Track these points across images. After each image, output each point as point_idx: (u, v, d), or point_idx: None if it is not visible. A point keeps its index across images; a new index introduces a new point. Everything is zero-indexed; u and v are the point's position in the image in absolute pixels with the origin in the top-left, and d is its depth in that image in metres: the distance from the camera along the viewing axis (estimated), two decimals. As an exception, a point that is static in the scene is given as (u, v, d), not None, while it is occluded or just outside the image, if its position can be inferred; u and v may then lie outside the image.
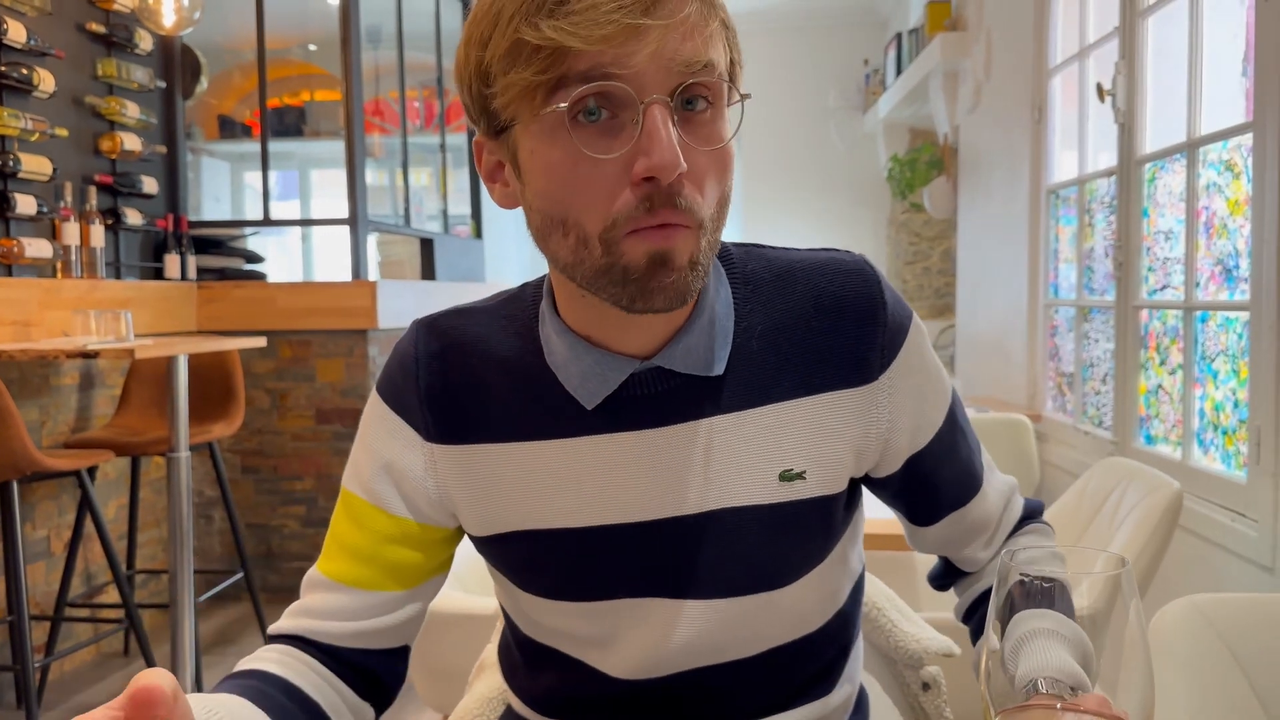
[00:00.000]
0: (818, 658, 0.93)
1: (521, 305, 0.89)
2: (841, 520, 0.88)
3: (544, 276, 0.88)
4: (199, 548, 3.90)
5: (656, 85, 0.70)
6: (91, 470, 3.01)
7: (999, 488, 0.95)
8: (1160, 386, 2.80)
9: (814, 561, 0.87)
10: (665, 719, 0.89)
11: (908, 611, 1.22)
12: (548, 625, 0.90)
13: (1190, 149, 2.61)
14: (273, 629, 0.87)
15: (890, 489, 0.91)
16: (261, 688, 0.78)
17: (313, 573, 0.87)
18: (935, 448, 0.89)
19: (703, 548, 0.83)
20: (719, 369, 0.82)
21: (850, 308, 0.84)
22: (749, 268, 0.87)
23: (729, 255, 0.88)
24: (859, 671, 1.01)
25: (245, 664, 0.82)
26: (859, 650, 1.00)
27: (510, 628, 0.98)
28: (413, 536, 0.86)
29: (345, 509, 0.88)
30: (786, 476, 0.82)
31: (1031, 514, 0.98)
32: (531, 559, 0.86)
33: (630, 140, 0.70)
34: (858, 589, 0.98)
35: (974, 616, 0.96)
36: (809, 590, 0.87)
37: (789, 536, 0.84)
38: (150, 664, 2.86)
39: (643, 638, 0.85)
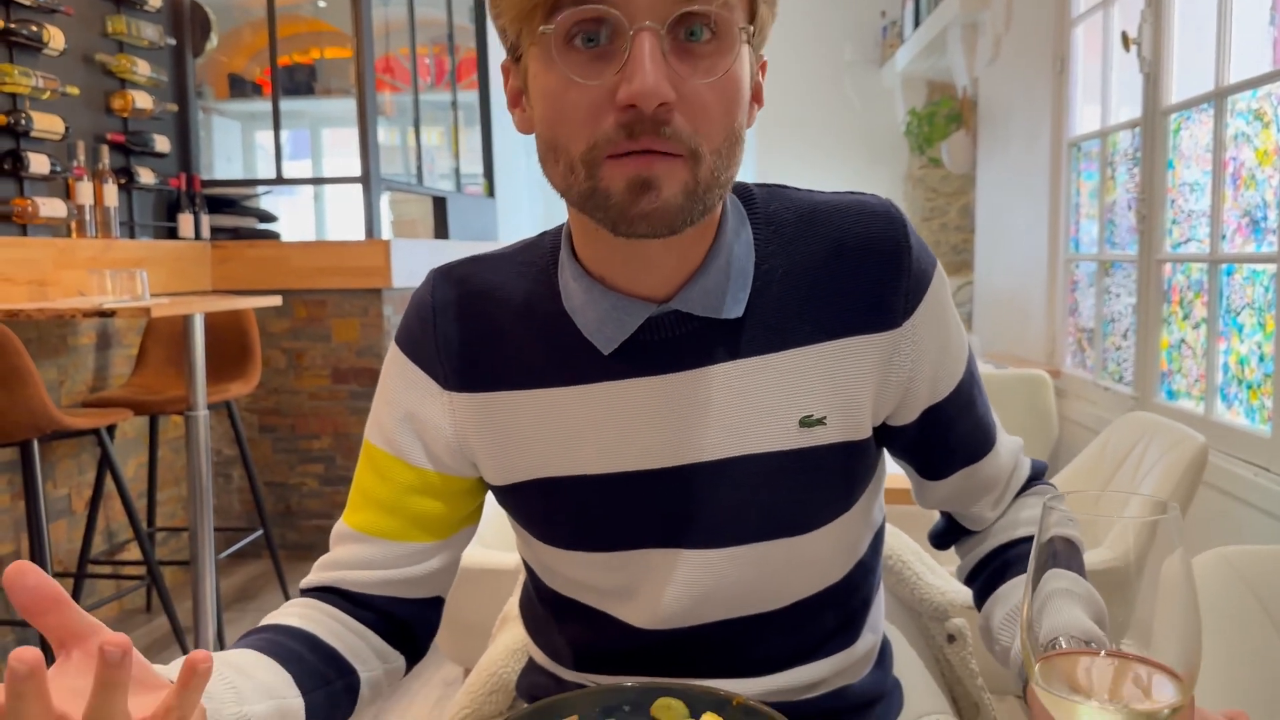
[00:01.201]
0: (840, 609, 0.91)
1: (539, 252, 0.88)
2: (863, 469, 0.87)
3: (563, 224, 0.87)
4: (218, 506, 3.93)
5: (650, 13, 0.69)
6: (110, 429, 3.02)
7: (1010, 447, 0.94)
8: (1183, 341, 2.77)
9: (836, 510, 0.85)
10: (688, 670, 0.89)
11: (932, 564, 1.21)
12: (568, 577, 0.89)
13: (1218, 98, 2.56)
14: (303, 583, 0.87)
15: (903, 440, 0.89)
16: (277, 639, 0.78)
17: (340, 526, 0.87)
18: (954, 400, 0.87)
19: (723, 495, 0.82)
20: (738, 312, 0.80)
21: (875, 251, 0.82)
22: (771, 209, 0.86)
23: (751, 196, 0.87)
24: (881, 622, 1.00)
25: (268, 619, 0.82)
26: (880, 602, 0.99)
27: (532, 580, 0.97)
28: (435, 487, 0.86)
29: (368, 461, 0.88)
30: (807, 422, 0.81)
31: (1037, 475, 0.96)
32: (550, 509, 0.86)
33: (618, 67, 0.69)
34: (878, 541, 0.97)
35: (978, 579, 0.93)
36: (830, 540, 0.86)
37: (810, 483, 0.83)
38: (173, 620, 2.90)
39: (664, 588, 0.84)
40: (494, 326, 0.85)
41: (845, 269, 0.82)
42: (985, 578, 0.92)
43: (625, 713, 0.77)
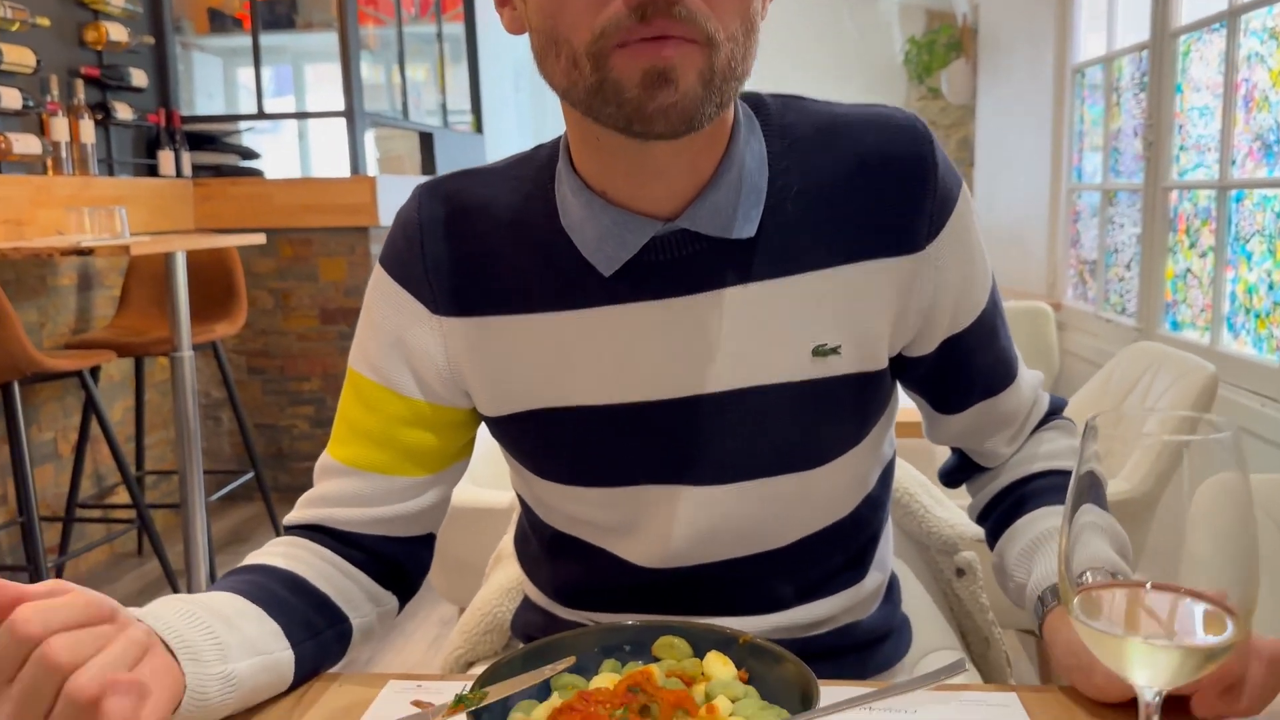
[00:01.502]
0: (847, 545, 0.88)
1: (534, 165, 0.81)
2: (877, 401, 0.83)
3: (560, 136, 0.80)
4: (208, 449, 3.89)
5: None
6: (94, 371, 2.97)
7: (1030, 381, 0.89)
8: (1189, 270, 2.72)
9: (846, 445, 0.82)
10: (691, 608, 0.85)
11: (940, 497, 1.16)
12: (566, 513, 0.86)
13: (1231, 17, 2.47)
14: (287, 520, 0.83)
15: (919, 372, 0.84)
16: (258, 581, 0.75)
17: (325, 459, 0.83)
18: (976, 330, 0.83)
19: (729, 428, 0.78)
20: (749, 231, 0.75)
21: (898, 168, 0.77)
22: (787, 120, 0.79)
23: (764, 106, 0.80)
24: (890, 558, 0.96)
25: (250, 559, 0.79)
26: (889, 537, 0.96)
27: (527, 516, 0.93)
28: (426, 418, 0.82)
29: (354, 391, 0.83)
30: (820, 352, 0.77)
31: (1055, 410, 0.92)
32: (547, 442, 0.82)
33: None
34: (887, 475, 0.92)
35: (991, 515, 0.90)
36: (839, 475, 0.82)
37: (821, 417, 0.79)
38: (164, 564, 2.87)
39: (666, 525, 0.81)
40: (486, 246, 0.80)
41: (866, 187, 0.76)
42: (999, 514, 0.88)
43: (625, 652, 0.72)
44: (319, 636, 0.77)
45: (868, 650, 0.91)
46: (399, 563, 0.84)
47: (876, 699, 0.61)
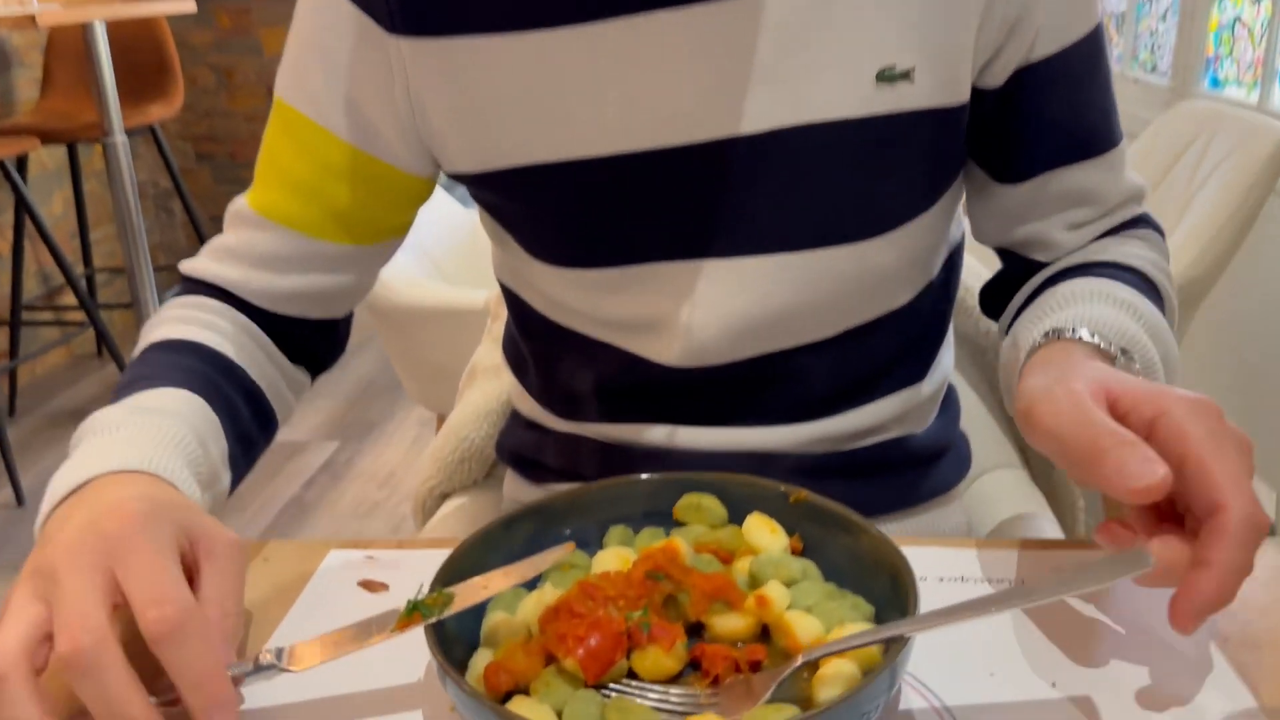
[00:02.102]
0: (905, 339, 0.73)
1: None
2: (954, 152, 0.67)
3: None
4: (162, 242, 3.65)
5: None
6: (21, 162, 2.70)
7: (1132, 176, 0.70)
8: (1238, 20, 2.44)
9: (914, 209, 0.66)
10: (714, 416, 0.70)
11: (999, 289, 0.98)
12: (567, 304, 0.71)
13: None
14: (189, 268, 0.70)
15: (980, 116, 0.66)
16: (208, 376, 0.63)
17: (240, 204, 0.70)
18: (1066, 62, 0.64)
19: (766, 183, 0.62)
20: None
21: None
22: None
23: None
24: (950, 365, 0.80)
25: (176, 329, 0.65)
26: (950, 342, 0.80)
27: (516, 310, 0.78)
28: (367, 176, 0.68)
29: (283, 126, 0.68)
30: (887, 76, 0.60)
31: (1150, 225, 0.72)
32: (536, 208, 0.67)
33: None
34: (953, 264, 0.75)
35: (1026, 308, 0.69)
36: (901, 250, 0.67)
37: (885, 169, 0.63)
38: (120, 366, 2.70)
39: (688, 312, 0.66)
40: None
41: None
42: (1033, 298, 0.68)
43: (638, 519, 0.55)
44: (250, 454, 0.68)
45: (922, 467, 0.77)
46: (311, 344, 0.75)
47: (1008, 604, 0.43)
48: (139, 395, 0.58)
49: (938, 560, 0.56)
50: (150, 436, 0.54)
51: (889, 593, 0.47)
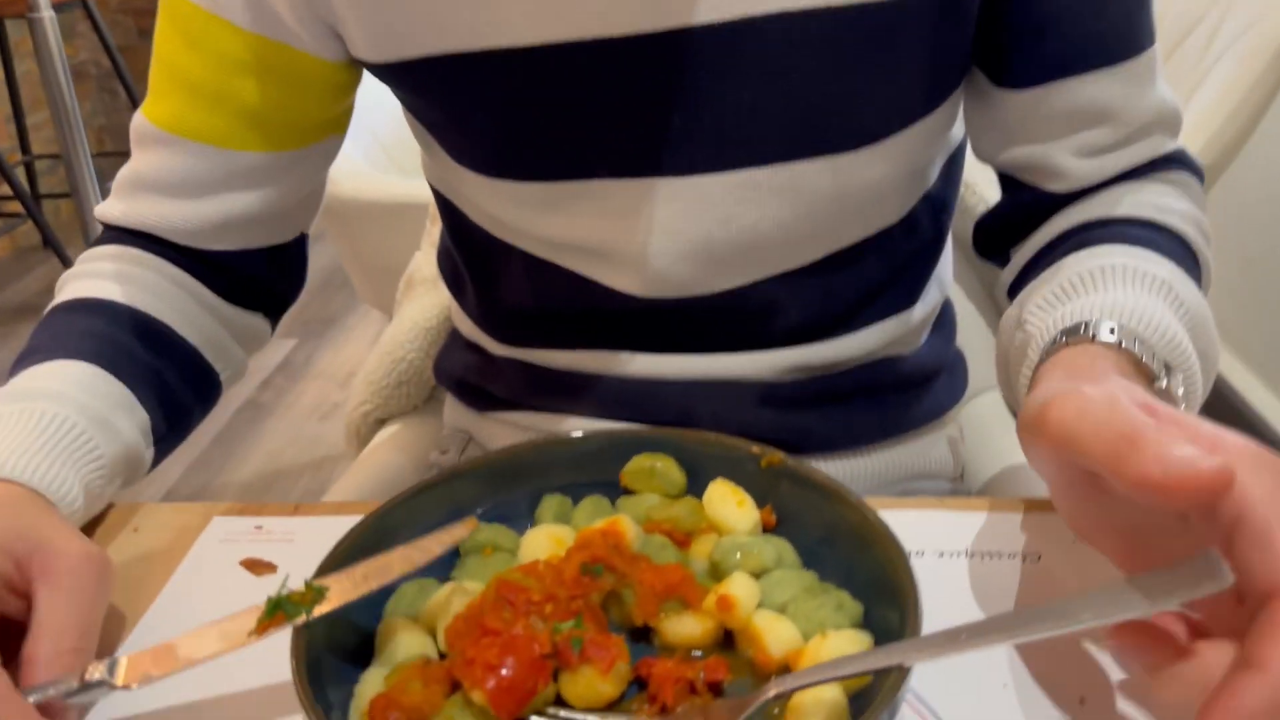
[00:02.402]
0: (894, 261, 0.62)
1: None
2: (959, 46, 0.55)
3: None
4: (107, 125, 3.45)
5: None
6: (-60, 38, 2.50)
7: (1164, 94, 0.57)
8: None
9: (908, 117, 0.56)
10: (684, 344, 0.61)
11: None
12: (504, 220, 0.60)
13: None
14: (101, 213, 0.61)
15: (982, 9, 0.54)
16: (123, 344, 0.55)
17: (139, 121, 0.60)
18: None
19: (732, 83, 0.52)
20: None
21: None
22: None
23: None
24: (949, 278, 0.71)
25: (83, 284, 0.58)
26: (949, 253, 0.70)
27: (448, 217, 0.67)
28: (272, 65, 0.57)
29: (172, 20, 0.58)
30: None
31: (1185, 164, 0.59)
32: (459, 107, 0.57)
33: None
34: (954, 166, 0.65)
35: (1037, 269, 0.57)
36: (890, 165, 0.56)
37: (874, 66, 0.53)
38: (64, 261, 2.57)
39: (640, 237, 0.57)
40: None
41: None
42: (1049, 260, 0.56)
43: (579, 486, 0.45)
44: (183, 423, 0.60)
45: (913, 390, 0.67)
46: (261, 282, 0.65)
47: (1040, 627, 0.32)
48: (27, 373, 0.51)
49: (935, 528, 0.47)
50: (15, 431, 0.46)
51: (880, 586, 0.38)
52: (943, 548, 0.46)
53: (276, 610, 0.36)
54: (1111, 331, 0.43)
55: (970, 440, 0.75)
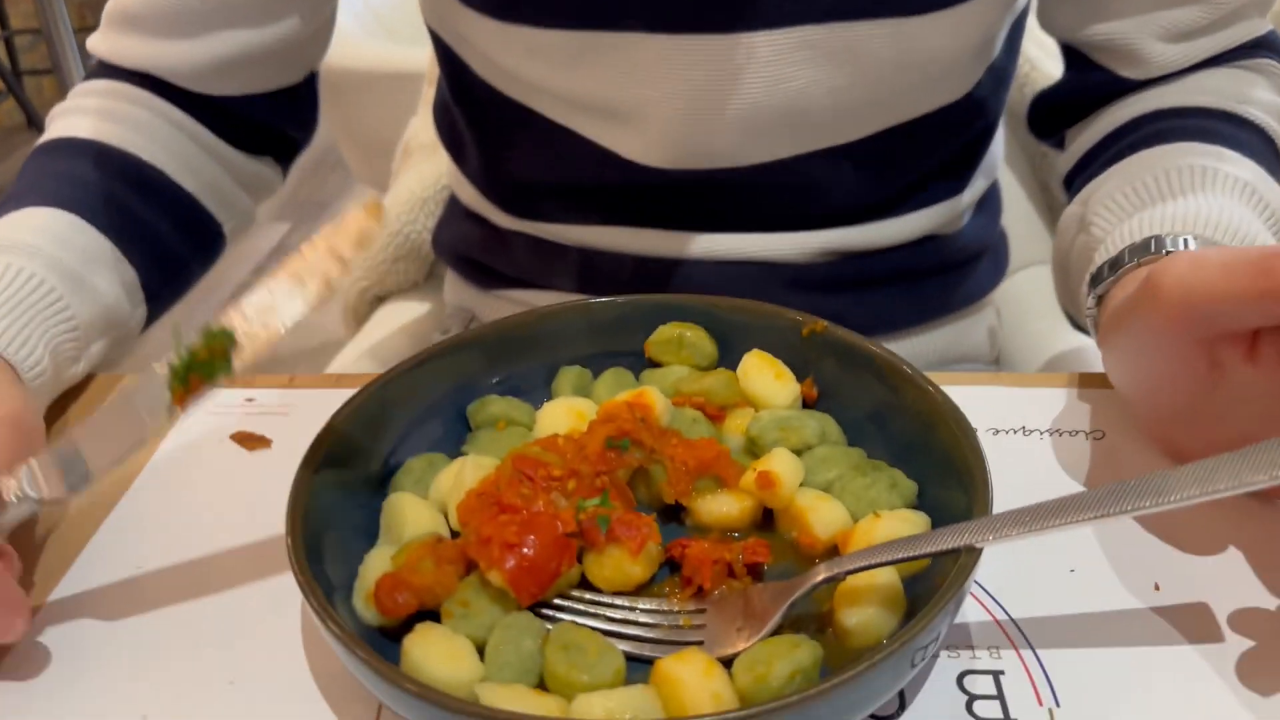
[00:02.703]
0: (954, 141, 0.58)
1: None
2: None
3: None
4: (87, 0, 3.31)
5: None
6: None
7: None
8: None
9: None
10: (714, 223, 0.56)
11: (1053, 48, 0.80)
12: (513, 71, 0.54)
13: None
14: (94, 46, 0.56)
15: None
16: (100, 183, 0.50)
17: None
18: None
19: None
20: None
21: None
22: None
23: None
24: (1000, 158, 0.65)
25: (71, 121, 0.53)
26: (1002, 128, 0.64)
27: (449, 70, 0.61)
28: None
29: None
30: None
31: (1275, 49, 0.54)
32: None
33: None
34: (1016, 33, 0.59)
35: (1101, 155, 0.53)
36: (958, 35, 0.52)
37: None
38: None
39: (671, 100, 0.51)
40: None
41: None
42: (1114, 152, 0.52)
43: (599, 358, 0.41)
44: (179, 277, 0.55)
45: (953, 275, 0.63)
46: (270, 126, 0.60)
47: (1131, 504, 0.29)
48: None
49: (988, 403, 0.43)
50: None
51: (939, 464, 0.34)
52: (994, 425, 0.42)
53: (188, 374, 0.32)
54: (1180, 243, 0.39)
55: (1007, 320, 0.71)
